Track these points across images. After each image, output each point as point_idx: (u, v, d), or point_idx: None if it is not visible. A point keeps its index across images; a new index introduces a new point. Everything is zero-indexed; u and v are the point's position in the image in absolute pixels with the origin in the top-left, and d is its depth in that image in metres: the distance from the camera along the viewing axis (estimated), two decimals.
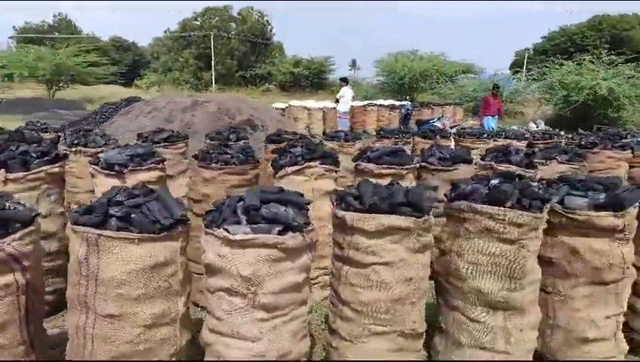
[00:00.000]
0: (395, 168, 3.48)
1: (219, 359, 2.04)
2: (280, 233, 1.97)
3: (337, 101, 13.42)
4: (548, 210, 2.52)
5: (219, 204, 2.14)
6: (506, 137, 6.22)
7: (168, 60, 39.47)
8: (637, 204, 2.44)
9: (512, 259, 2.23)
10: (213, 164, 3.22)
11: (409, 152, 4.97)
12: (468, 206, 2.28)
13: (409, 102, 15.92)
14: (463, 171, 3.59)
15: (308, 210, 2.23)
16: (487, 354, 2.32)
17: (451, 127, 17.26)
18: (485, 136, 6.09)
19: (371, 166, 3.52)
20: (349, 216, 2.22)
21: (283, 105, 15.63)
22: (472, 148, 6.06)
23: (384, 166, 3.51)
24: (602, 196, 2.47)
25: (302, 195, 2.32)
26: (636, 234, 2.58)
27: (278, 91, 36.89)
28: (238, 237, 1.92)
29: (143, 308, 1.91)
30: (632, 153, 4.53)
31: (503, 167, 3.86)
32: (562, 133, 15.10)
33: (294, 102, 15.49)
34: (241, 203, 2.07)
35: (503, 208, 2.21)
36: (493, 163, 3.91)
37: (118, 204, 1.98)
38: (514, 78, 21.83)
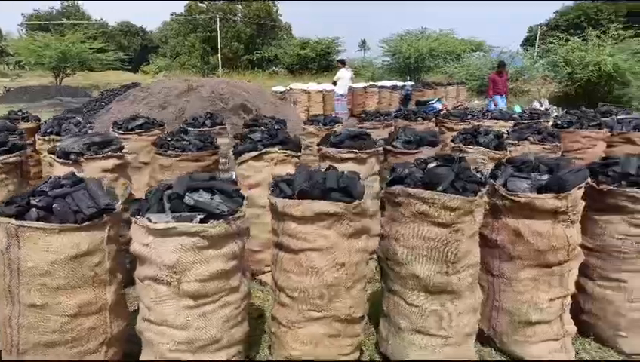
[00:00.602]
0: (355, 152, 3.45)
1: (152, 346, 2.07)
2: (203, 221, 1.98)
3: (335, 83, 13.29)
4: (493, 193, 2.49)
5: (147, 192, 2.15)
6: (492, 118, 6.11)
7: (176, 45, 39.43)
8: (581, 185, 2.39)
9: (447, 242, 2.21)
10: (169, 151, 3.22)
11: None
12: (402, 190, 2.25)
13: (409, 83, 15.68)
14: (427, 154, 3.54)
15: (242, 197, 2.24)
16: (424, 339, 2.32)
17: (454, 108, 17.09)
18: (470, 117, 5.99)
19: (333, 150, 3.50)
20: (280, 203, 2.21)
21: (283, 88, 15.55)
22: (455, 130, 5.98)
23: (345, 150, 3.48)
24: (545, 178, 2.42)
25: (235, 183, 2.32)
26: (585, 215, 2.55)
27: (285, 74, 36.68)
28: (159, 226, 1.93)
29: (66, 298, 1.94)
30: (611, 132, 4.42)
31: (471, 149, 3.81)
32: (555, 112, 14.83)
33: (295, 85, 15.39)
34: (168, 191, 2.08)
35: (435, 192, 2.18)
36: (461, 145, 3.86)
37: (41, 193, 2.00)
38: (522, 56, 21.29)
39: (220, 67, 35.46)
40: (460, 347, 2.34)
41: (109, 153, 3.14)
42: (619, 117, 4.89)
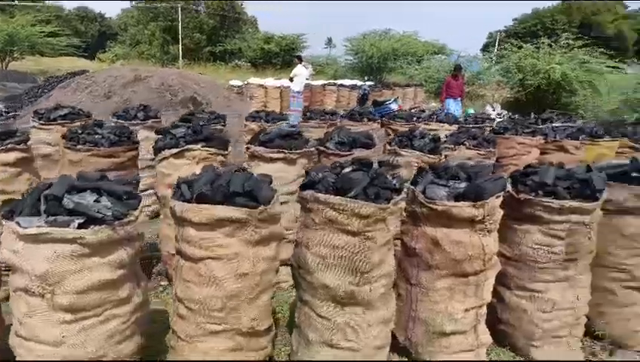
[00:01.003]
0: (284, 152, 3.30)
1: None
2: (83, 226, 1.78)
3: (292, 80, 13.11)
4: (413, 200, 2.40)
5: (25, 191, 1.92)
6: (438, 121, 6.11)
7: (137, 33, 38.17)
8: (499, 194, 2.34)
9: (357, 251, 2.09)
10: (79, 145, 2.97)
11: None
12: (312, 195, 2.12)
13: (367, 83, 15.68)
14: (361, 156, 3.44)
15: (136, 199, 2.04)
16: (332, 351, 2.20)
17: (410, 109, 17.23)
18: (415, 119, 5.96)
19: (261, 149, 3.34)
20: (178, 206, 2.04)
21: (240, 83, 15.25)
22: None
23: (275, 150, 3.32)
24: (463, 186, 2.35)
25: (136, 183, 2.13)
26: (505, 223, 2.50)
27: (248, 68, 36.14)
28: (30, 231, 1.72)
29: None
30: (545, 139, 4.47)
31: (405, 152, 3.74)
32: (506, 116, 15.18)
33: (252, 80, 15.10)
34: (47, 191, 1.86)
35: (345, 198, 2.06)
36: (397, 148, 3.78)
37: None
38: (480, 60, 21.74)
39: (181, 58, 34.55)
40: (370, 360, 2.24)
41: (10, 145, 2.87)
42: (554, 124, 4.96)
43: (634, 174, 2.68)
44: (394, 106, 14.01)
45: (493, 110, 16.01)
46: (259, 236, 2.08)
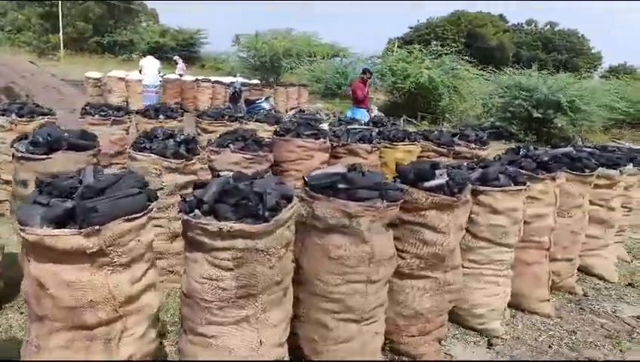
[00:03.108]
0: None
1: None
2: None
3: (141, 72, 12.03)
4: None
5: None
6: (257, 120, 5.56)
7: (17, 19, 34.27)
8: (134, 216, 1.74)
9: None
10: None
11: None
12: None
13: (239, 80, 14.99)
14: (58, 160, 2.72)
15: None
16: None
17: (290, 109, 16.84)
18: (227, 117, 5.36)
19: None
20: None
21: (98, 75, 13.78)
22: (211, 131, 5.31)
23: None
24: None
25: None
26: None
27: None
28: None
29: None
30: (339, 142, 4.08)
31: (141, 156, 3.09)
32: (378, 118, 15.35)
33: (113, 73, 13.70)
34: None
35: None
36: (132, 151, 3.11)
37: None
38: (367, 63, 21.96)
39: (62, 47, 31.53)
40: None
41: None
42: (350, 126, 4.63)
43: (341, 186, 2.24)
44: (266, 105, 13.51)
45: (371, 113, 16.10)
46: None
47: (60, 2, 31.53)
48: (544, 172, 3.28)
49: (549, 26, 47.96)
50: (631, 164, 4.41)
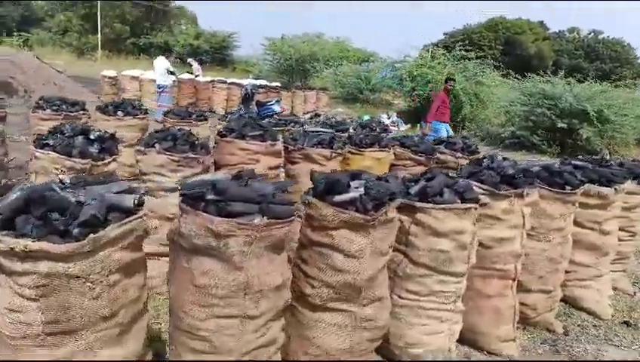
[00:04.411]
0: None
1: None
2: None
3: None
4: None
5: None
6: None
7: (62, 21, 35.78)
8: None
9: None
10: None
11: None
12: None
13: (252, 82, 14.75)
14: None
15: None
16: None
17: (305, 113, 16.49)
18: (194, 117, 5.03)
19: None
20: None
21: (114, 74, 13.84)
22: None
23: None
24: None
25: None
26: None
27: (175, 63, 34.64)
28: None
29: None
30: (294, 146, 3.66)
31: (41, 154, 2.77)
32: (402, 125, 14.73)
33: (126, 72, 13.74)
34: None
35: None
36: (33, 146, 2.79)
37: None
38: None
39: (100, 48, 32.50)
40: None
41: None
42: (307, 128, 4.19)
43: (210, 197, 1.83)
44: (276, 108, 13.23)
45: (388, 118, 15.59)
46: None
47: (98, 3, 32.50)
48: (508, 187, 2.77)
49: (592, 34, 45.92)
50: (634, 181, 3.80)
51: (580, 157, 4.10)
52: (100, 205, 1.55)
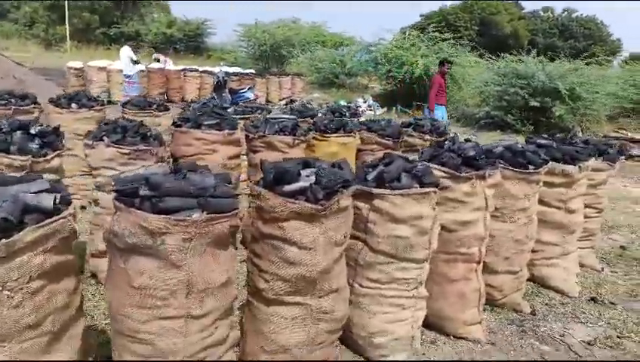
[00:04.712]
0: None
1: None
2: None
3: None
4: None
5: None
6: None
7: (29, 11, 34.56)
8: None
9: None
10: None
11: None
12: None
13: (223, 69, 14.46)
14: None
15: None
16: None
17: (281, 99, 16.27)
18: (156, 106, 4.85)
19: None
20: None
21: (79, 65, 13.40)
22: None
23: None
24: None
25: None
26: None
27: (148, 53, 33.92)
28: None
29: None
30: (255, 134, 3.54)
31: None
32: (378, 110, 14.65)
33: (93, 62, 13.32)
34: None
35: None
36: None
37: None
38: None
39: (69, 39, 31.54)
40: None
41: None
42: (271, 115, 4.06)
43: (144, 192, 1.71)
44: (249, 95, 13.03)
45: (364, 102, 15.49)
46: None
47: None
48: (470, 169, 2.70)
49: (566, 13, 46.28)
50: (600, 158, 3.79)
51: (544, 135, 4.06)
52: (14, 207, 1.42)
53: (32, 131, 2.72)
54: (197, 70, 15.05)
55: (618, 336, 2.97)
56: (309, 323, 2.17)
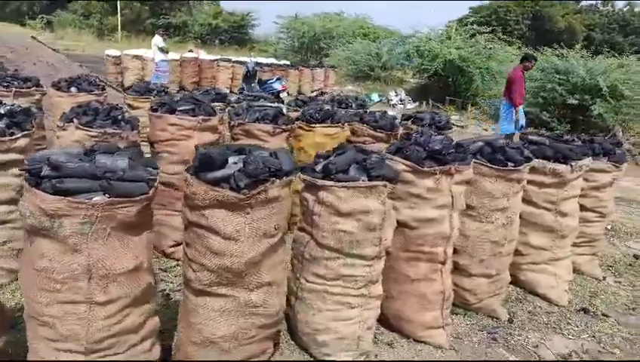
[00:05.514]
0: None
1: None
2: None
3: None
4: None
5: None
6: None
7: (84, 3, 36.32)
8: None
9: None
10: None
11: None
12: None
13: (253, 60, 14.49)
14: None
15: None
16: None
17: (312, 91, 16.16)
18: (156, 92, 4.89)
19: None
20: None
21: (117, 53, 13.83)
22: (136, 108, 4.88)
23: None
24: None
25: None
26: None
27: (195, 43, 34.76)
28: None
29: None
30: (235, 121, 3.48)
31: None
32: (404, 102, 14.29)
33: (128, 51, 13.72)
34: None
35: None
36: None
37: None
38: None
39: (120, 29, 32.82)
40: None
41: None
42: (243, 104, 3.96)
43: (45, 173, 1.68)
44: (277, 85, 13.04)
45: (397, 95, 15.19)
46: None
47: None
48: (434, 163, 2.53)
49: (628, 7, 43.48)
50: (604, 158, 3.49)
51: (583, 135, 3.74)
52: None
53: (1, 111, 2.77)
54: (230, 60, 15.24)
55: (599, 351, 2.73)
56: (237, 317, 2.09)
